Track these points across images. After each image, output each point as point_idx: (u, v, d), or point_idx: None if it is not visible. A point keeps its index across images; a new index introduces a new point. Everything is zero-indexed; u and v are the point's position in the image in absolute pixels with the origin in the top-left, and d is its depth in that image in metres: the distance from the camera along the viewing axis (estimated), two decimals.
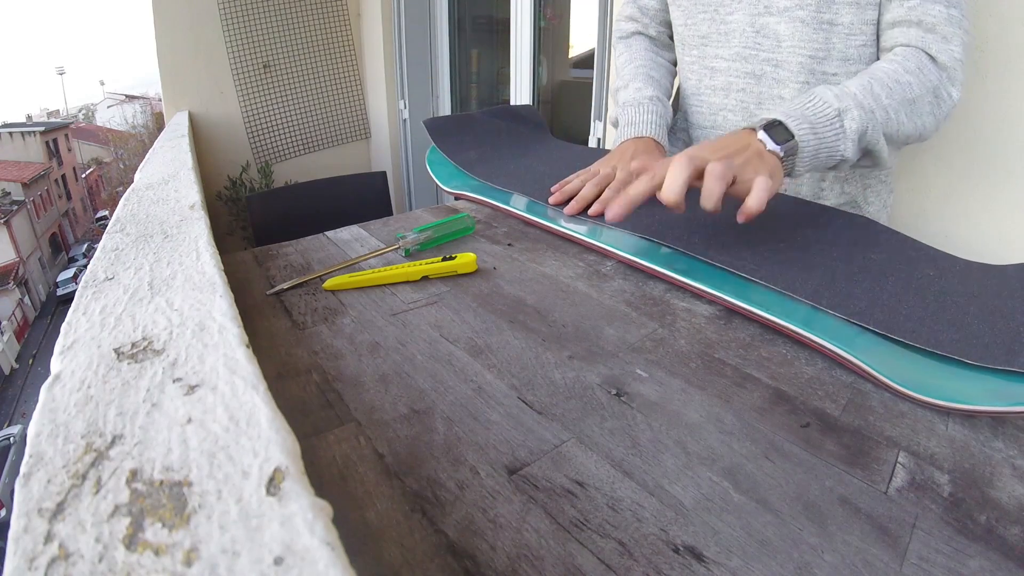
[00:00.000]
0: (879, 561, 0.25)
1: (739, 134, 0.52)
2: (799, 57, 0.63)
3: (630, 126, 0.70)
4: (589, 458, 0.30)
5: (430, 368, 0.37)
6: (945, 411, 0.34)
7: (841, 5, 0.60)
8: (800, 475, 0.29)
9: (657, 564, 0.24)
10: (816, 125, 0.52)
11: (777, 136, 0.51)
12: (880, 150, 0.55)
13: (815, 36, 0.62)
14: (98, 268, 0.39)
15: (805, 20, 0.61)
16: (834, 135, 0.53)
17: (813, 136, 0.52)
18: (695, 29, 0.70)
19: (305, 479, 0.20)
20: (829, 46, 0.62)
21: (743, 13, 0.65)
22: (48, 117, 35.68)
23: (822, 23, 0.61)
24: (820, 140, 0.52)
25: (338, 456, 0.29)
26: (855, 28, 0.61)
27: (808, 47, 0.62)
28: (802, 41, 0.62)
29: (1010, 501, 0.28)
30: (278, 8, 2.33)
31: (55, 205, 22.51)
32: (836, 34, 0.61)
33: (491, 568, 0.24)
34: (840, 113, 0.52)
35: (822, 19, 0.61)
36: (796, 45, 0.63)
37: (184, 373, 0.26)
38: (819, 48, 0.62)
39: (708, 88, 0.71)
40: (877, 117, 0.53)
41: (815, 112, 0.52)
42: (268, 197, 1.42)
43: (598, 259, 0.54)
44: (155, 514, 0.19)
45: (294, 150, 2.54)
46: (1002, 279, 0.45)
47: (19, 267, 17.38)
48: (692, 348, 0.40)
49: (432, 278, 0.49)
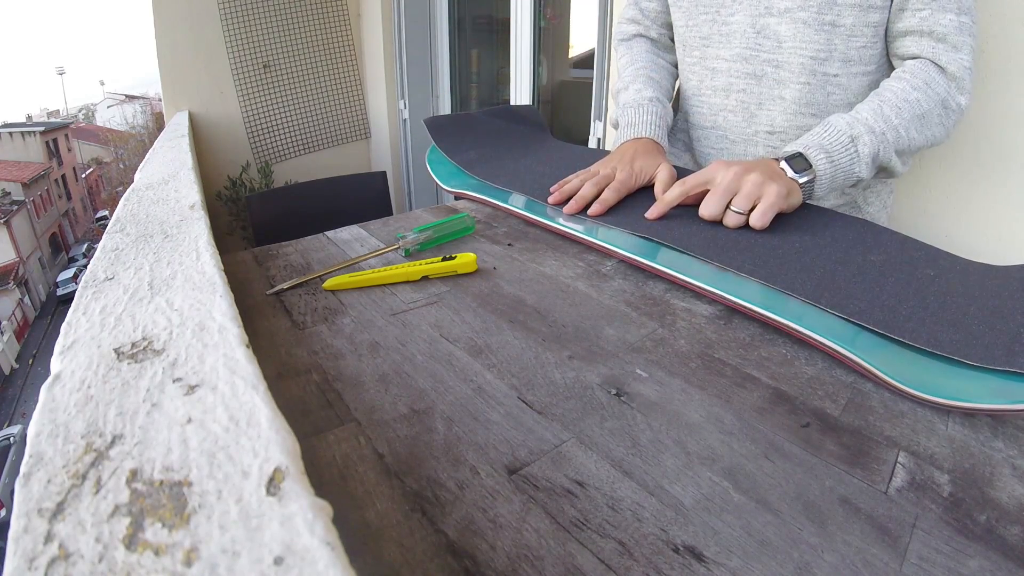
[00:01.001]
0: (879, 561, 0.25)
1: (762, 159, 0.57)
2: (800, 58, 0.63)
3: (630, 127, 0.70)
4: (589, 458, 0.30)
5: (430, 368, 0.37)
6: (945, 409, 0.34)
7: (843, 7, 0.60)
8: (800, 475, 0.29)
9: (657, 564, 0.24)
10: (832, 153, 0.56)
11: (797, 166, 0.56)
12: (894, 166, 0.59)
13: (816, 37, 0.62)
14: (98, 268, 0.39)
15: (807, 21, 0.61)
16: (849, 160, 0.57)
17: (830, 164, 0.56)
18: (696, 30, 0.70)
19: (305, 479, 0.20)
20: (831, 47, 0.62)
21: (744, 14, 0.65)
22: (48, 117, 35.68)
23: (824, 24, 0.61)
24: (836, 166, 0.57)
25: (338, 456, 0.29)
26: (856, 30, 0.61)
27: (810, 48, 0.62)
28: (803, 42, 0.62)
29: (1010, 501, 0.28)
30: (278, 8, 2.33)
31: (55, 205, 22.51)
32: (838, 35, 0.61)
33: (491, 568, 0.24)
34: (853, 139, 0.57)
35: (824, 20, 0.61)
36: (797, 46, 0.63)
37: (184, 373, 0.26)
38: (820, 49, 0.62)
39: (709, 89, 0.71)
40: (888, 138, 0.57)
41: (830, 141, 0.57)
42: (268, 197, 1.42)
43: (598, 259, 0.54)
44: (155, 514, 0.19)
45: (294, 150, 2.54)
46: (1002, 279, 0.45)
47: (19, 267, 17.38)
48: (692, 348, 0.40)
49: (432, 278, 0.49)
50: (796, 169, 0.55)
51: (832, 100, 0.65)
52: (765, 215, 0.51)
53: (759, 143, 0.69)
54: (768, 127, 0.68)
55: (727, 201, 0.53)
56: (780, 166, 0.56)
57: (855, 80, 0.64)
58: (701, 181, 0.56)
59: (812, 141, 0.57)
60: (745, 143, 0.70)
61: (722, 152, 0.73)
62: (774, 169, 0.55)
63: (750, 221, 0.52)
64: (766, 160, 0.57)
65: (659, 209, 0.56)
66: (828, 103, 0.65)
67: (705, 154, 0.75)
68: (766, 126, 0.68)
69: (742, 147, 0.71)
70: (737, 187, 0.53)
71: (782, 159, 0.56)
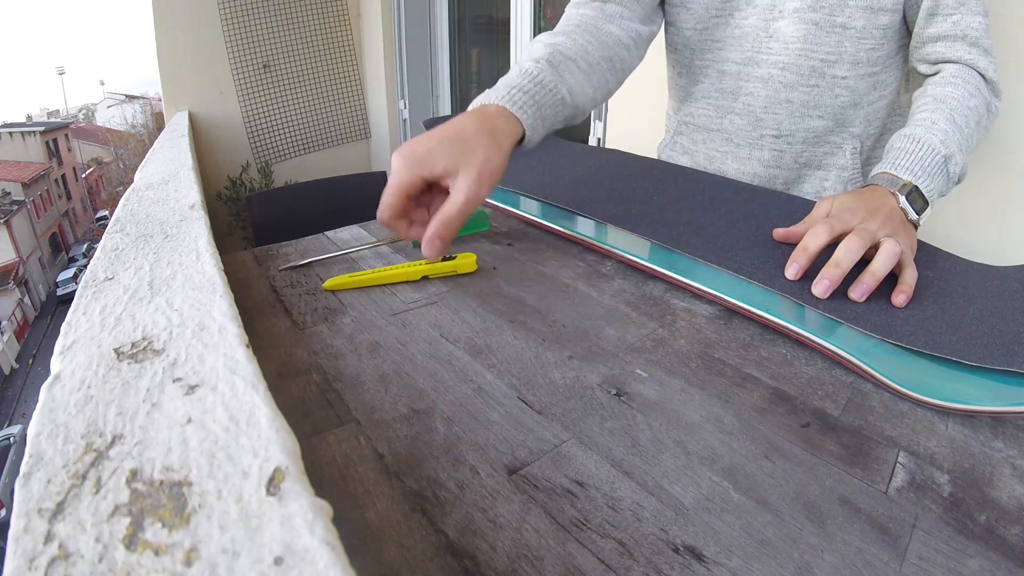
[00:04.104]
0: (879, 561, 0.25)
1: (880, 194, 0.49)
2: (811, 61, 0.63)
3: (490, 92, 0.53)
4: (589, 458, 0.30)
5: (430, 368, 0.37)
6: (945, 411, 0.34)
7: (854, 9, 0.60)
8: (800, 475, 0.29)
9: (657, 564, 0.24)
10: (934, 178, 0.51)
11: (915, 203, 0.49)
12: (963, 176, 0.55)
13: (827, 39, 0.61)
14: (98, 268, 0.39)
15: (819, 23, 0.61)
16: (943, 183, 0.52)
17: (939, 196, 0.52)
18: (709, 34, 0.69)
19: (305, 479, 0.20)
20: (841, 49, 0.62)
21: (756, 17, 0.65)
22: (48, 117, 35.69)
23: (835, 26, 0.61)
24: (940, 194, 0.52)
25: (338, 456, 0.29)
26: (866, 32, 0.61)
27: (820, 50, 0.62)
28: (814, 44, 0.62)
29: (1010, 501, 0.28)
30: (278, 8, 2.33)
31: (55, 205, 22.52)
32: (848, 38, 0.61)
33: (491, 568, 0.24)
34: (946, 160, 0.52)
35: (835, 23, 0.61)
36: (808, 48, 0.62)
37: (184, 373, 0.26)
38: (831, 52, 0.62)
39: (717, 91, 0.70)
40: (965, 150, 0.54)
41: (930, 163, 0.51)
42: (268, 197, 1.42)
43: (598, 259, 0.54)
44: (155, 514, 0.19)
45: (294, 150, 2.54)
46: (1002, 280, 0.45)
47: (19, 267, 17.38)
48: (692, 348, 0.40)
49: (432, 278, 0.50)
50: (917, 210, 0.49)
51: (839, 102, 0.65)
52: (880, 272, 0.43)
53: (765, 147, 0.69)
54: (775, 131, 0.68)
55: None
56: (900, 205, 0.49)
57: (863, 82, 0.64)
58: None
59: (918, 168, 0.51)
60: (751, 147, 0.70)
61: (726, 155, 0.72)
62: (901, 218, 0.48)
63: (872, 268, 0.43)
64: (884, 195, 0.49)
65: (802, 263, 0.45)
66: (836, 105, 0.65)
67: (709, 156, 0.75)
68: (772, 129, 0.68)
69: (747, 151, 0.70)
70: (875, 238, 0.45)
71: (901, 194, 0.49)
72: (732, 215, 0.56)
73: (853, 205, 0.48)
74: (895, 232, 0.46)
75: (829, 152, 0.69)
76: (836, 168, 0.69)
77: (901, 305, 0.42)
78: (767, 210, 0.57)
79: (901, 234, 0.46)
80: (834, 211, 0.48)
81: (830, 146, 0.68)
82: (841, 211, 0.47)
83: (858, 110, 0.66)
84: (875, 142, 0.70)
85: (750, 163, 0.71)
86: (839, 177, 0.69)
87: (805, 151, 0.69)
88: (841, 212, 0.47)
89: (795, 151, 0.69)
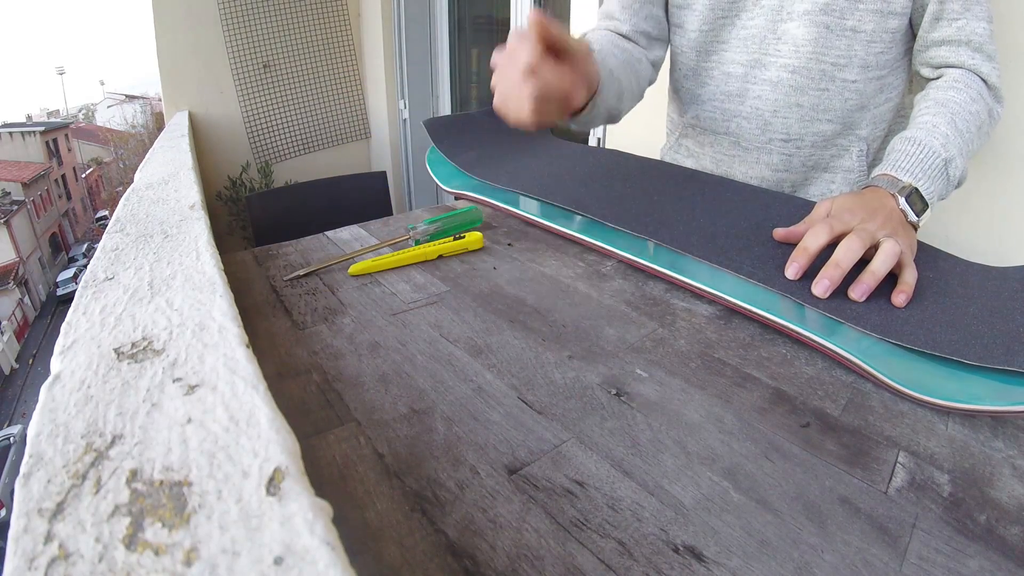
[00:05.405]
0: (879, 561, 0.25)
1: (880, 195, 0.50)
2: (822, 64, 0.62)
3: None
4: (589, 458, 0.30)
5: (430, 368, 0.37)
6: (945, 411, 0.34)
7: (865, 12, 0.59)
8: (800, 475, 0.29)
9: (657, 564, 0.24)
10: (934, 181, 0.51)
11: (916, 207, 0.50)
12: (963, 180, 0.55)
13: (838, 43, 0.61)
14: (98, 268, 0.39)
15: (829, 26, 0.61)
16: (943, 186, 0.53)
17: (938, 199, 0.52)
18: (714, 35, 0.69)
19: (305, 479, 0.20)
20: (851, 53, 0.61)
21: (763, 19, 0.64)
22: (48, 117, 35.67)
23: (845, 30, 0.60)
24: (940, 197, 0.53)
25: (338, 456, 0.29)
26: (876, 36, 0.61)
27: (831, 54, 0.62)
28: (825, 47, 0.62)
29: (1010, 501, 0.28)
30: (278, 8, 2.33)
31: (55, 205, 22.51)
32: (858, 41, 0.61)
33: (491, 568, 0.24)
34: (947, 163, 0.52)
35: (846, 26, 0.60)
36: (819, 51, 0.62)
37: (184, 373, 0.26)
38: (841, 55, 0.61)
39: (723, 94, 0.70)
40: (966, 155, 0.54)
41: (930, 166, 0.51)
42: (268, 197, 1.42)
43: (598, 259, 0.54)
44: (155, 514, 0.19)
45: (294, 150, 2.54)
46: (1002, 280, 0.45)
47: (19, 267, 17.37)
48: (692, 348, 0.40)
49: (447, 256, 0.55)
50: (916, 212, 0.49)
51: (848, 106, 0.64)
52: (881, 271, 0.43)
53: (774, 151, 0.69)
54: (784, 135, 0.67)
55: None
56: (901, 207, 0.49)
57: (871, 85, 0.64)
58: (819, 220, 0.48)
59: (915, 168, 0.51)
60: (759, 151, 0.69)
61: (733, 159, 0.72)
62: (901, 219, 0.48)
63: (871, 268, 0.43)
64: (884, 196, 0.49)
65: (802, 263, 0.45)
66: (844, 109, 0.64)
67: (716, 160, 0.74)
68: (782, 133, 0.67)
69: (755, 155, 0.70)
70: (874, 239, 0.45)
71: (901, 196, 0.49)
72: (732, 215, 0.56)
73: (853, 205, 0.48)
74: (895, 232, 0.46)
75: (836, 155, 0.69)
76: (843, 171, 0.69)
77: (901, 305, 0.42)
78: (767, 210, 0.57)
79: (901, 234, 0.46)
80: (834, 211, 0.48)
81: (837, 149, 0.68)
82: (841, 211, 0.48)
83: (865, 113, 0.66)
84: (881, 144, 0.70)
85: (758, 167, 0.71)
86: (846, 179, 0.69)
87: (813, 154, 0.68)
88: (841, 212, 0.47)
89: (804, 155, 0.68)
